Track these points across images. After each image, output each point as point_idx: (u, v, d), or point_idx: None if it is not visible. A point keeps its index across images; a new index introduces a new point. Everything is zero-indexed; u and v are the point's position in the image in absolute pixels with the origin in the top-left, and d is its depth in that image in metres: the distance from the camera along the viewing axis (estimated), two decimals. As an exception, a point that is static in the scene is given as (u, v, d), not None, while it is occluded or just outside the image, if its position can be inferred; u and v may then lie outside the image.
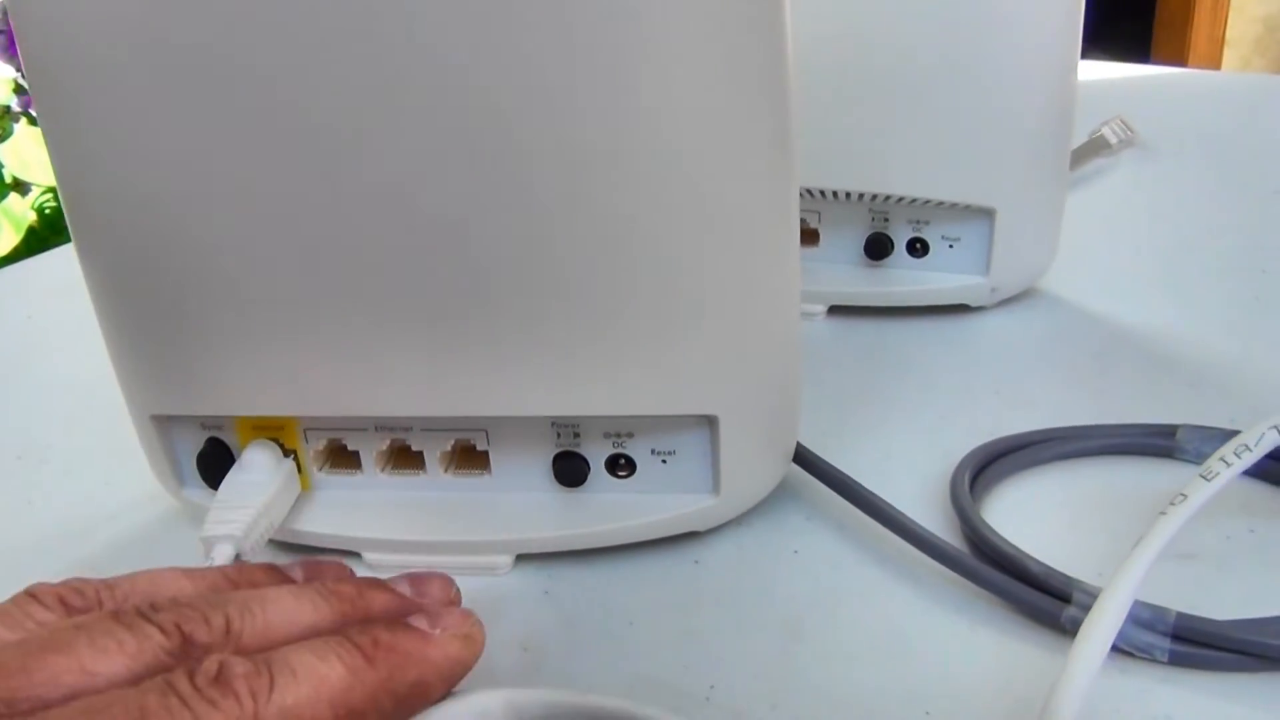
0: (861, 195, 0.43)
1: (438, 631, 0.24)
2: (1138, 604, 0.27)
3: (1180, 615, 0.26)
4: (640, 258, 0.28)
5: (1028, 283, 0.45)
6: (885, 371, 0.42)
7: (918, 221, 0.44)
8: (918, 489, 0.35)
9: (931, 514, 0.33)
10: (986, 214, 0.42)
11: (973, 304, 0.45)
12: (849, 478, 0.33)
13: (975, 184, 0.42)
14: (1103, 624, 0.24)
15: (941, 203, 0.43)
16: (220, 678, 0.20)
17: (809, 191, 0.44)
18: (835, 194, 0.44)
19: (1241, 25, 2.43)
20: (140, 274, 0.30)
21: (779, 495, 0.34)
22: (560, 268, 0.28)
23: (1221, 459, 0.27)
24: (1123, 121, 0.59)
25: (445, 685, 0.24)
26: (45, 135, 0.29)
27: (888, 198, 0.43)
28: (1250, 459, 0.27)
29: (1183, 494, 0.26)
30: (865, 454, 0.37)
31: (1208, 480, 0.26)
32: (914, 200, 0.43)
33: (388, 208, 0.28)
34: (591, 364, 0.30)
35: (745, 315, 0.30)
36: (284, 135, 0.27)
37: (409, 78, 0.26)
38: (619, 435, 0.32)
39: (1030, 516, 0.33)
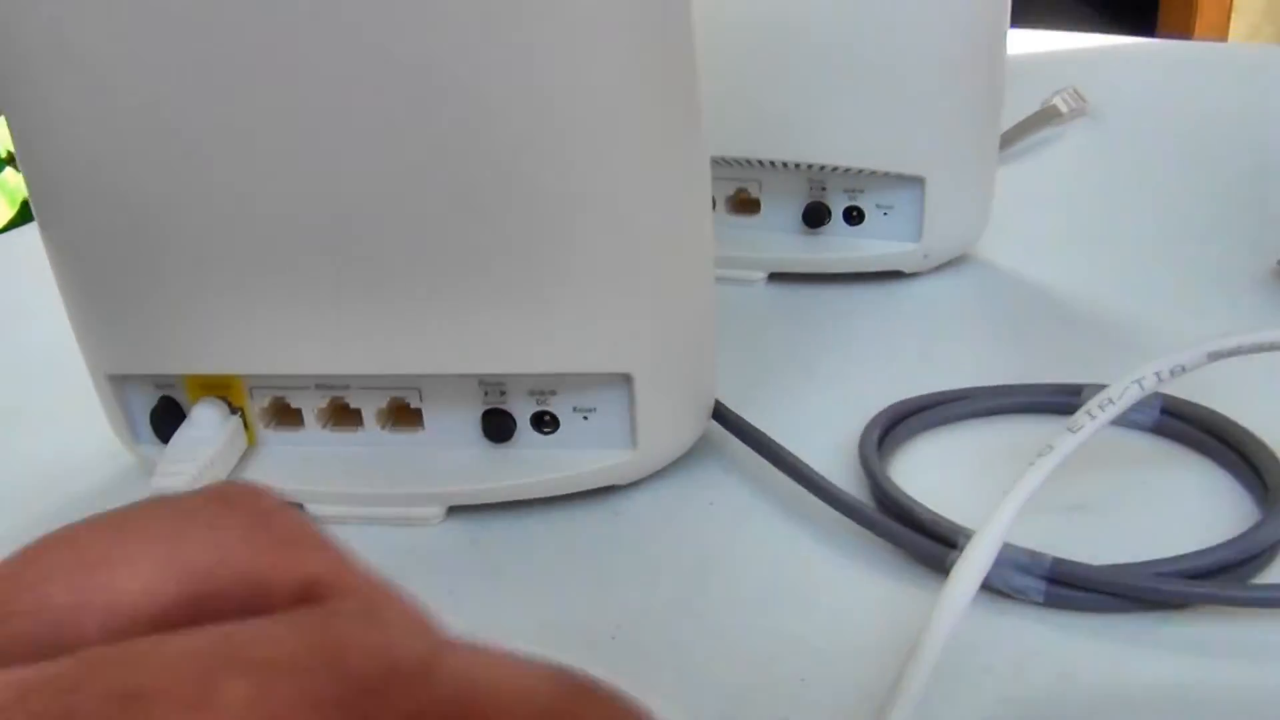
0: (799, 165, 0.45)
1: None
2: (1018, 550, 0.29)
3: (1056, 560, 0.28)
4: (554, 223, 0.30)
5: (959, 249, 0.47)
6: (816, 335, 0.44)
7: (853, 190, 0.45)
8: (833, 445, 0.36)
9: (844, 470, 0.35)
10: (917, 182, 0.44)
11: (906, 270, 0.46)
12: (762, 434, 0.35)
13: (904, 154, 0.43)
14: (971, 565, 0.26)
15: (875, 172, 0.44)
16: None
17: (749, 161, 0.46)
18: (774, 163, 0.45)
19: (1251, -9, 2.41)
20: (95, 239, 0.32)
21: (701, 450, 0.36)
22: (481, 234, 0.30)
23: (1087, 412, 0.28)
24: (1075, 91, 0.60)
25: None
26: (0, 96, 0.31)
27: (824, 167, 0.45)
28: (1114, 411, 0.28)
29: (1050, 445, 0.28)
30: (787, 412, 0.38)
31: (1073, 433, 0.28)
32: (849, 170, 0.44)
33: (324, 175, 0.30)
34: (513, 324, 0.31)
35: (657, 277, 0.32)
36: (227, 104, 0.29)
37: (340, 52, 0.28)
38: (543, 393, 0.34)
39: (935, 471, 0.35)
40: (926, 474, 0.34)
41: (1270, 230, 0.47)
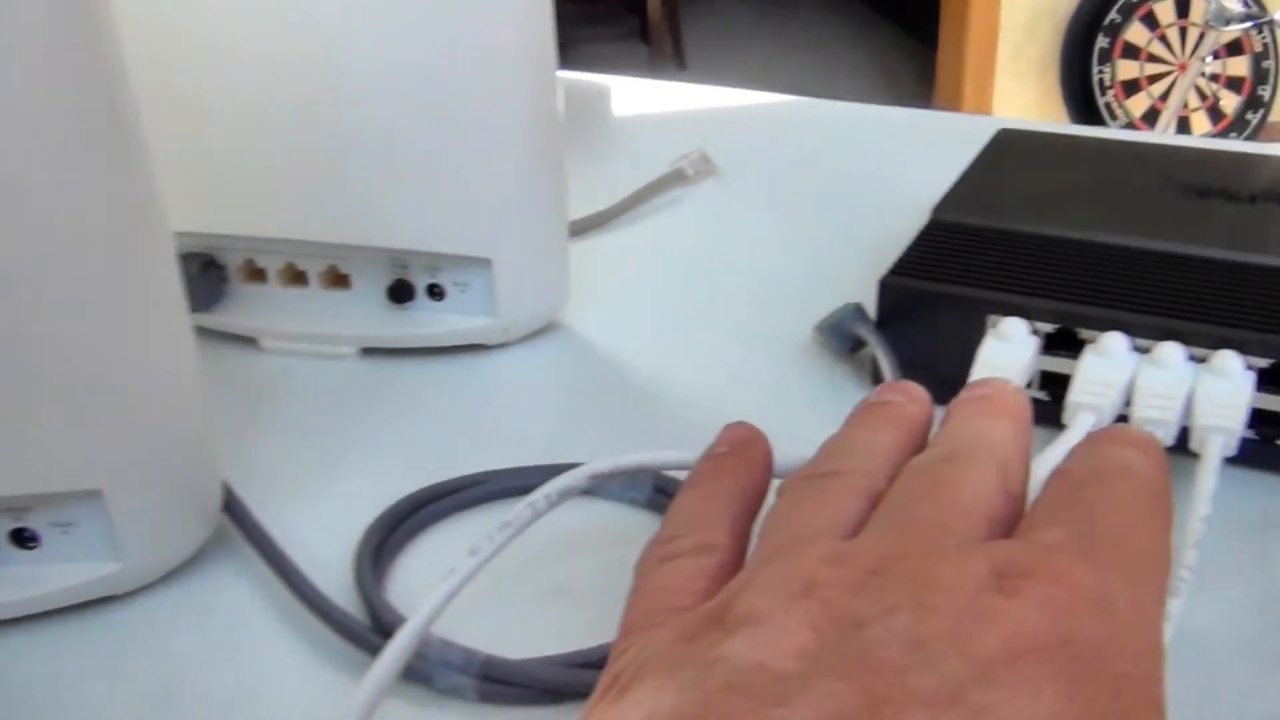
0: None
1: None
2: (455, 648, 0.29)
3: (486, 657, 0.29)
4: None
5: (539, 323, 0.48)
6: (389, 413, 0.44)
7: (432, 268, 0.46)
8: (358, 539, 0.36)
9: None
10: (486, 262, 0.45)
11: (488, 343, 0.47)
12: (267, 537, 0.35)
13: (465, 237, 0.44)
14: (382, 663, 0.26)
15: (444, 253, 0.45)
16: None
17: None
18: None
19: (1015, 9, 2.60)
20: None
21: (218, 550, 0.36)
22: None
23: (488, 537, 0.29)
24: (703, 155, 0.63)
25: None
26: None
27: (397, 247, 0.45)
28: (511, 531, 0.29)
29: (451, 569, 0.28)
30: (326, 503, 0.38)
31: (473, 555, 0.28)
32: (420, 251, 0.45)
33: None
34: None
35: (115, 393, 0.31)
36: None
37: None
38: (17, 510, 0.32)
39: (439, 565, 0.35)
40: (431, 570, 0.35)
41: (816, 293, 0.49)
